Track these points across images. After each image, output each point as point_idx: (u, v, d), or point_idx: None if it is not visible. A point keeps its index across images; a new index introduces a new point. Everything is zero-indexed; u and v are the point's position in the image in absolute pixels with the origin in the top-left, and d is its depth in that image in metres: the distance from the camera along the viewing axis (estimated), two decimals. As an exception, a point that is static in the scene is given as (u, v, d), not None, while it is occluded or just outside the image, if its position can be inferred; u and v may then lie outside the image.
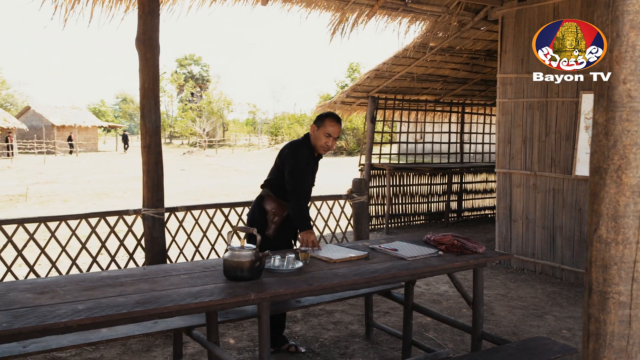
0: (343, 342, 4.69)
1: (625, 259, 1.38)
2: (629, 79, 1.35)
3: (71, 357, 4.39)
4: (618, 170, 1.37)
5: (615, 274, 1.39)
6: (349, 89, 9.28)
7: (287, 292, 2.92)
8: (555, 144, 6.52)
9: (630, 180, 1.36)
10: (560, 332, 4.94)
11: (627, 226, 1.37)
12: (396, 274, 3.23)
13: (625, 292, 1.39)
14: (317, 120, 4.08)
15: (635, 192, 1.36)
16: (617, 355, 1.40)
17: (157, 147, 5.00)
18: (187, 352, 4.46)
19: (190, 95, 58.45)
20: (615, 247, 1.39)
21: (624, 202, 1.37)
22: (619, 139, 1.36)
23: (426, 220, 10.48)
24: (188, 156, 37.29)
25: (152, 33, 4.93)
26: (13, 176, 22.21)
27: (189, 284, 3.00)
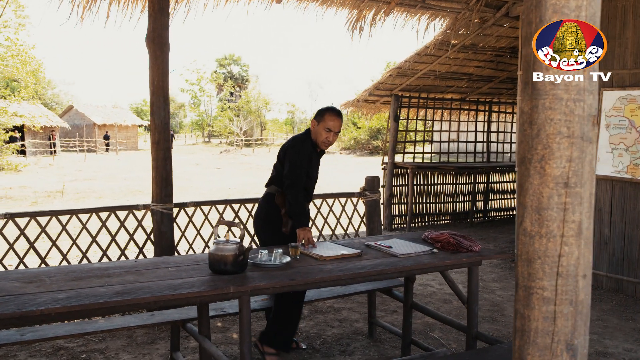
0: (345, 340, 4.67)
1: (549, 252, 1.33)
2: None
3: (77, 347, 4.49)
4: (541, 160, 1.33)
5: (539, 268, 1.34)
6: (372, 87, 9.23)
7: (268, 286, 2.92)
8: (575, 142, 6.34)
9: (554, 171, 1.31)
10: (570, 335, 4.81)
11: (550, 219, 1.33)
12: (383, 270, 3.20)
13: (549, 287, 1.34)
14: (317, 115, 4.03)
15: (559, 184, 1.31)
16: (541, 353, 1.35)
17: (165, 143, 5.08)
18: (190, 345, 4.52)
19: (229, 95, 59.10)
20: (539, 241, 1.34)
21: (548, 193, 1.32)
22: (542, 127, 1.32)
23: (451, 220, 10.35)
24: (225, 155, 37.73)
25: (161, 31, 5.01)
26: (54, 173, 22.89)
27: (173, 276, 3.03)
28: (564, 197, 1.32)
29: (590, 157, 1.33)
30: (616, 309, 5.50)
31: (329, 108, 4.04)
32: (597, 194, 6.16)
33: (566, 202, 1.32)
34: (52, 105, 53.25)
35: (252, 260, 3.27)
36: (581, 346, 1.37)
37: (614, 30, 5.89)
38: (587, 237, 1.35)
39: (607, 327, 5.04)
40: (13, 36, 22.89)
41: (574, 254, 1.33)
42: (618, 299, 5.80)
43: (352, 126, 41.16)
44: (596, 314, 5.35)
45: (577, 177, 1.32)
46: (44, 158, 31.23)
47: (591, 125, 1.32)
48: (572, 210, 1.32)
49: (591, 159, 1.34)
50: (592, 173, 1.34)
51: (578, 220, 1.33)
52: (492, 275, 6.68)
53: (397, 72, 8.78)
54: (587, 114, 1.31)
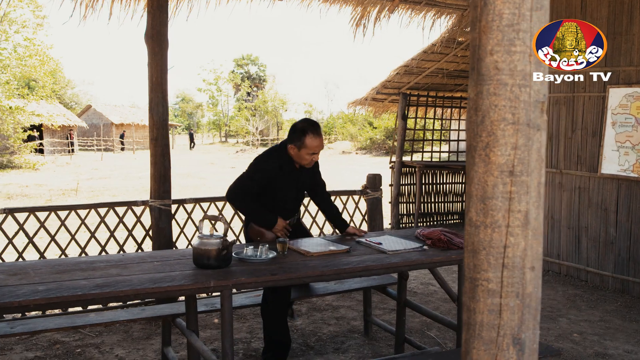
0: (340, 337, 4.64)
1: (494, 243, 1.29)
2: (496, 49, 1.27)
3: (73, 341, 4.52)
4: (486, 148, 1.29)
5: (484, 259, 1.30)
6: (379, 85, 9.18)
7: (249, 280, 2.91)
8: (581, 140, 6.25)
9: (499, 158, 1.28)
10: (570, 336, 4.73)
11: (495, 208, 1.29)
12: (368, 266, 3.16)
13: (494, 279, 1.30)
14: (294, 139, 3.62)
15: (504, 172, 1.27)
16: (487, 347, 1.32)
17: (164, 139, 5.09)
18: (184, 341, 4.52)
19: (246, 95, 59.31)
20: (484, 231, 1.30)
21: (492, 182, 1.28)
22: (487, 114, 1.28)
23: (461, 220, 10.25)
24: (240, 154, 37.87)
25: (160, 28, 5.02)
26: (70, 172, 23.14)
27: (157, 270, 3.03)
28: (509, 185, 1.28)
29: (538, 145, 1.29)
30: (620, 310, 5.39)
31: (305, 129, 3.60)
32: (603, 193, 6.06)
33: (511, 191, 1.28)
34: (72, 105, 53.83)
35: (237, 255, 3.26)
36: (529, 340, 1.33)
37: (620, 26, 5.78)
38: (535, 227, 1.31)
39: (609, 328, 4.94)
40: (31, 36, 23.20)
41: (520, 244, 1.29)
42: (623, 300, 5.69)
43: (368, 126, 41.07)
44: (599, 315, 5.26)
45: (523, 165, 1.28)
46: (61, 157, 31.60)
47: (539, 112, 1.28)
48: (518, 200, 1.28)
49: (539, 147, 1.30)
50: (541, 161, 1.30)
51: (524, 210, 1.29)
52: (496, 275, 6.60)
53: (404, 70, 8.72)
54: (534, 100, 1.27)
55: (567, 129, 6.38)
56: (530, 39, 1.25)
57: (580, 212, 6.30)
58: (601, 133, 6.01)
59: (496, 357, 1.31)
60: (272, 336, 3.70)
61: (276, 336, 3.69)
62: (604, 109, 5.97)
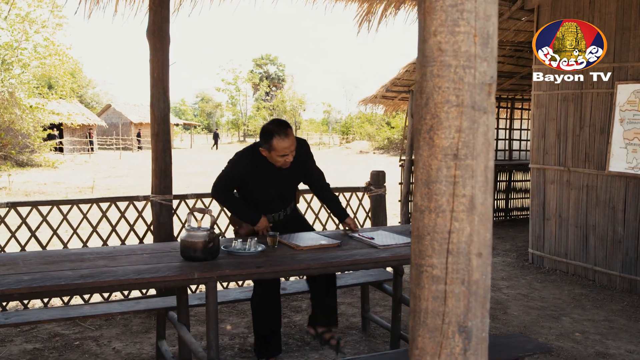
0: (338, 334, 4.61)
1: (439, 228, 1.27)
2: (440, 30, 1.24)
3: (73, 334, 4.56)
4: (430, 131, 1.26)
5: (429, 245, 1.28)
6: (389, 82, 9.13)
7: (234, 273, 2.91)
8: (589, 138, 6.15)
9: (442, 141, 1.25)
10: (572, 335, 4.66)
11: (439, 192, 1.26)
12: (356, 260, 3.14)
13: (439, 265, 1.27)
14: (263, 142, 3.53)
15: (447, 155, 1.25)
16: (432, 335, 1.29)
17: (165, 135, 5.12)
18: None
19: (264, 95, 59.49)
20: (429, 216, 1.28)
21: (436, 165, 1.26)
22: (431, 96, 1.25)
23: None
24: (257, 154, 37.89)
25: (162, 24, 5.05)
26: (88, 170, 23.43)
27: (144, 262, 3.04)
28: (454, 169, 1.25)
29: (484, 129, 1.26)
30: (626, 310, 5.30)
31: (272, 132, 3.48)
32: (611, 191, 5.95)
33: (456, 174, 1.25)
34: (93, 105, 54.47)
35: (226, 249, 3.26)
36: (477, 329, 1.30)
37: (629, 21, 5.68)
38: (482, 213, 1.28)
39: (612, 327, 4.86)
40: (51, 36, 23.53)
41: (465, 230, 1.26)
42: (630, 300, 5.58)
43: (386, 126, 40.95)
44: (604, 314, 5.17)
45: (468, 149, 1.25)
46: (80, 155, 31.99)
47: (485, 95, 1.25)
48: (463, 184, 1.26)
49: (486, 131, 1.27)
50: (488, 145, 1.27)
51: (469, 195, 1.26)
52: (502, 273, 6.52)
53: (414, 67, 8.65)
54: (479, 82, 1.24)
55: (575, 126, 6.28)
56: (475, 20, 1.22)
57: (588, 210, 6.20)
58: (609, 130, 5.91)
59: (441, 345, 1.28)
60: (259, 331, 3.69)
61: (263, 331, 3.67)
62: (612, 105, 5.87)
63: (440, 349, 1.28)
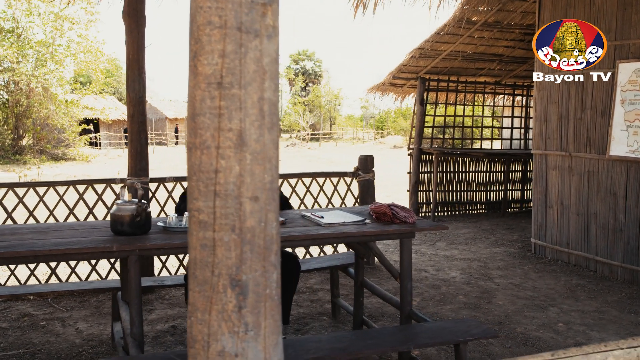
0: (307, 319, 4.48)
1: (204, 167, 1.12)
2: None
3: (42, 314, 4.55)
4: (194, 57, 1.11)
5: (195, 186, 1.13)
6: (395, 69, 8.87)
7: (155, 246, 2.81)
8: (590, 120, 5.82)
9: (205, 69, 1.10)
10: (554, 325, 4.40)
11: (204, 126, 1.11)
12: (290, 237, 3.00)
13: (205, 209, 1.13)
14: None
15: (212, 84, 1.10)
16: (201, 288, 1.14)
17: (140, 116, 5.06)
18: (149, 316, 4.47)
19: (300, 90, 59.49)
20: (195, 154, 1.13)
21: (200, 96, 1.11)
22: (194, 18, 1.10)
23: (487, 210, 9.83)
24: (290, 148, 38.01)
25: (137, 5, 4.99)
26: (120, 163, 23.80)
27: (73, 236, 2.96)
28: (218, 100, 1.10)
29: (257, 54, 1.11)
30: (622, 302, 4.98)
31: None
32: (612, 176, 5.62)
33: (221, 105, 1.10)
34: (132, 101, 55.40)
35: (162, 224, 3.16)
36: (255, 284, 1.14)
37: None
38: (256, 151, 1.12)
39: (602, 319, 4.57)
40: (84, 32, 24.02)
41: (233, 169, 1.11)
42: (629, 291, 5.26)
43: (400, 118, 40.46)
44: (596, 305, 4.87)
45: (234, 77, 1.10)
46: (114, 150, 32.57)
47: (258, 15, 1.10)
48: (229, 117, 1.10)
49: (259, 57, 1.11)
50: (263, 73, 1.12)
51: (237, 129, 1.11)
52: (499, 263, 6.25)
53: (419, 53, 8.40)
54: (248, 0, 1.09)
55: (577, 108, 5.96)
56: None
57: (590, 197, 5.88)
58: (610, 112, 5.58)
59: (211, 301, 1.14)
60: None
61: None
62: (614, 85, 5.54)
63: (211, 304, 1.14)
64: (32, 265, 5.00)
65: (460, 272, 5.88)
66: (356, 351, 2.62)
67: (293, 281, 3.64)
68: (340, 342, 2.73)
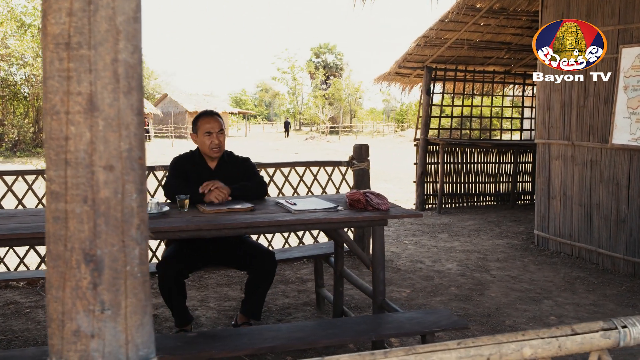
0: (291, 310, 4.41)
1: (55, 134, 1.04)
2: None
3: (29, 302, 4.57)
4: (44, 17, 1.04)
5: (47, 154, 1.06)
6: (400, 58, 8.72)
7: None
8: (593, 108, 5.63)
9: (54, 28, 1.02)
10: (545, 319, 4.26)
11: (53, 90, 1.02)
12: (253, 223, 2.92)
13: (57, 178, 1.05)
14: (193, 127, 3.79)
15: (60, 45, 1.02)
16: (55, 263, 1.07)
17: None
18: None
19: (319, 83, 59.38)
20: (46, 119, 1.04)
21: (49, 57, 1.03)
22: (41, -27, 1.03)
23: (496, 202, 9.65)
24: (309, 141, 38.01)
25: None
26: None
27: (35, 222, 2.92)
28: (66, 61, 1.02)
29: (109, 12, 1.02)
30: (621, 295, 4.82)
31: (199, 115, 3.79)
32: (615, 166, 5.43)
33: (69, 67, 1.02)
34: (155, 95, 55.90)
35: (127, 211, 3.10)
36: (111, 259, 1.07)
37: (633, -23, 5.13)
38: (110, 116, 1.04)
39: (597, 312, 4.41)
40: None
41: (84, 136, 1.03)
42: (631, 284, 5.08)
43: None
44: (593, 299, 4.72)
45: (82, 36, 1.01)
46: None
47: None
48: (78, 79, 1.02)
49: (112, 15, 1.03)
50: (116, 33, 1.03)
51: (87, 93, 1.03)
52: (499, 255, 6.11)
53: (424, 41, 8.24)
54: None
55: (580, 96, 5.78)
56: None
57: (592, 188, 5.70)
58: (613, 99, 5.38)
59: (65, 277, 1.06)
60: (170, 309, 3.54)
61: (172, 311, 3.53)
62: (617, 71, 5.34)
63: (65, 280, 1.06)
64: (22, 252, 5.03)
65: (457, 263, 5.75)
66: (313, 341, 2.54)
67: (268, 279, 3.56)
68: (299, 332, 2.64)
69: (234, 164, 3.82)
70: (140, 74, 1.10)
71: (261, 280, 3.56)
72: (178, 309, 3.51)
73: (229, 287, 4.92)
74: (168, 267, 3.38)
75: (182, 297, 3.51)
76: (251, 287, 3.59)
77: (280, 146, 32.19)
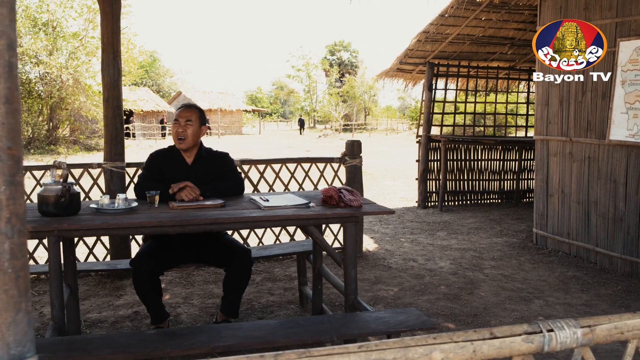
0: (274, 307, 4.35)
1: None
2: None
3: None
4: None
5: None
6: (402, 54, 8.61)
7: (74, 227, 2.71)
8: (591, 103, 5.50)
9: None
10: (534, 319, 4.15)
11: None
12: (218, 219, 2.87)
13: None
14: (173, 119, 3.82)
15: None
16: None
17: (115, 100, 5.00)
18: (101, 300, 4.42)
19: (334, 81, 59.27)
20: None
21: None
22: None
23: (500, 200, 9.51)
24: (322, 139, 37.90)
25: (111, -14, 4.92)
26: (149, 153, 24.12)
27: None
28: None
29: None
30: (616, 295, 4.69)
31: (178, 107, 3.84)
32: (612, 162, 5.30)
33: None
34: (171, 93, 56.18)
35: (94, 206, 3.07)
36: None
37: (631, -32, 4.99)
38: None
39: (588, 312, 4.30)
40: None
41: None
42: (627, 284, 4.95)
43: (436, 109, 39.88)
44: (586, 299, 4.60)
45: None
46: (146, 140, 33.04)
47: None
48: None
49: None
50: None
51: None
52: (496, 253, 5.99)
53: (425, 36, 8.12)
54: None
55: (578, 91, 5.64)
56: None
57: (590, 185, 5.57)
58: (610, 94, 5.25)
59: None
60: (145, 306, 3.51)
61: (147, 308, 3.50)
62: (614, 65, 5.21)
63: None
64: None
65: (450, 262, 5.66)
66: (272, 340, 2.48)
67: (244, 277, 3.51)
68: (258, 331, 2.59)
69: (212, 160, 3.78)
70: (9, 62, 1.04)
71: (237, 278, 3.51)
72: (152, 306, 3.47)
73: (215, 285, 4.87)
74: (141, 264, 3.35)
75: (157, 294, 3.47)
76: (228, 285, 3.54)
77: (293, 143, 32.13)
